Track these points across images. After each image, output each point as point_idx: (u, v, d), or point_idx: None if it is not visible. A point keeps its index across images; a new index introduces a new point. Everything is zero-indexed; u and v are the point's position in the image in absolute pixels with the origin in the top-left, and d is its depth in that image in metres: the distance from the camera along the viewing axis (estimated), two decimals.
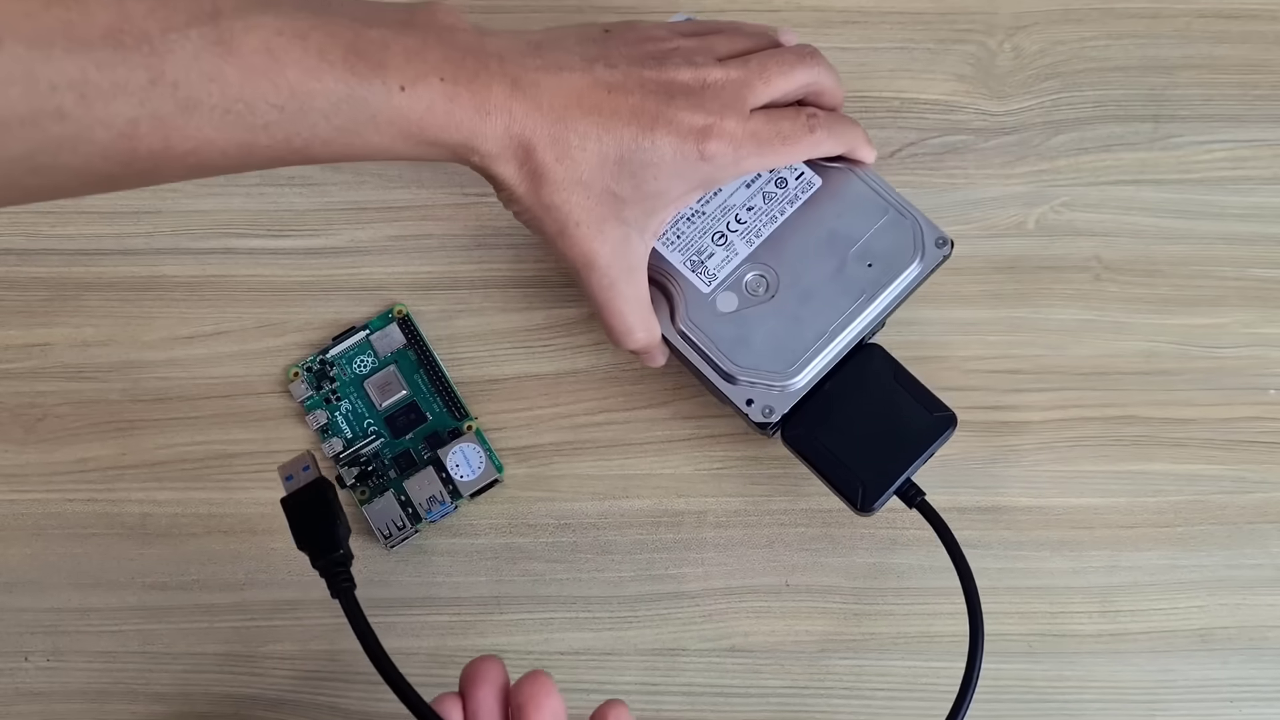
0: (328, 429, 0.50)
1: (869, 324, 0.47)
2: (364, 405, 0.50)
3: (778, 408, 0.46)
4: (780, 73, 0.45)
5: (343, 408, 0.50)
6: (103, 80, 0.31)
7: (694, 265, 0.48)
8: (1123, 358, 0.52)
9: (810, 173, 0.49)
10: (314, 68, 0.35)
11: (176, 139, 0.34)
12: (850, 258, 0.47)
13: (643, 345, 0.46)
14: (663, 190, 0.43)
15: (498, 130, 0.40)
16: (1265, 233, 0.54)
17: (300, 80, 0.35)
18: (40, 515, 0.50)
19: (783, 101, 0.46)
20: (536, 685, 0.36)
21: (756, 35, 0.47)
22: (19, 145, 0.31)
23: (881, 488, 0.46)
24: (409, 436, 0.50)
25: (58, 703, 0.48)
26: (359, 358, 0.51)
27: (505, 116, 0.40)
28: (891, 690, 0.48)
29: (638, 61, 0.43)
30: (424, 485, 0.49)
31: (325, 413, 0.50)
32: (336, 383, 0.51)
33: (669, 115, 0.42)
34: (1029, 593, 0.49)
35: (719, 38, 0.46)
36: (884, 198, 0.48)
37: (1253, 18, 0.57)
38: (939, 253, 0.47)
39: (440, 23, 0.40)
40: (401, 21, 0.39)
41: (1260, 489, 0.50)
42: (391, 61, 0.37)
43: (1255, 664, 0.48)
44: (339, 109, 0.36)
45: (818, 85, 0.47)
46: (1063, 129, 0.55)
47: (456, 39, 0.39)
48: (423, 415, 0.50)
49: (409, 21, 0.39)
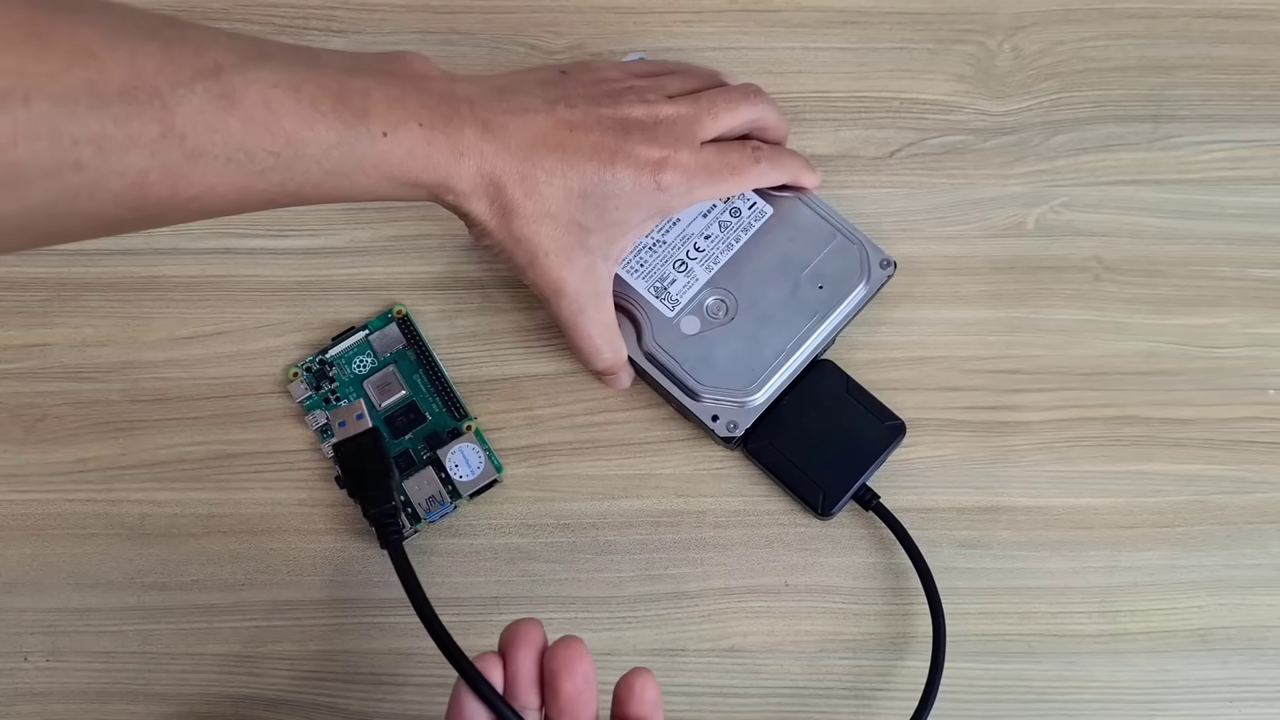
0: (327, 429, 0.50)
1: (822, 342, 0.50)
2: (364, 404, 0.50)
3: (741, 422, 0.49)
4: (727, 108, 0.48)
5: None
6: (119, 134, 0.33)
7: (658, 292, 0.50)
8: (1122, 358, 0.52)
9: (762, 202, 0.52)
10: (308, 118, 0.38)
11: (183, 186, 0.36)
12: (803, 280, 0.51)
13: (609, 365, 0.49)
14: (624, 219, 0.46)
15: (471, 170, 0.42)
16: (1265, 233, 0.54)
17: (295, 129, 0.37)
18: (40, 515, 0.50)
19: (730, 135, 0.49)
20: (570, 650, 0.37)
21: (704, 75, 0.50)
22: (41, 195, 0.33)
23: (840, 493, 0.49)
24: (408, 436, 0.50)
25: (57, 703, 0.48)
26: (358, 358, 0.51)
27: (477, 157, 0.42)
28: (891, 690, 0.48)
29: (595, 100, 0.45)
30: (423, 485, 0.49)
31: (325, 413, 0.50)
32: (336, 383, 0.51)
33: (627, 149, 0.45)
34: (1029, 593, 0.49)
35: (670, 78, 0.49)
36: (831, 223, 0.51)
37: (1252, 18, 0.57)
38: (883, 273, 0.51)
39: (416, 71, 0.42)
40: (381, 71, 0.41)
41: (1260, 489, 0.50)
42: (374, 109, 0.40)
43: (1255, 664, 0.48)
44: (329, 154, 0.39)
45: (762, 120, 0.50)
46: (1062, 129, 0.55)
47: (430, 86, 0.42)
48: (422, 415, 0.50)
49: (388, 70, 0.42)
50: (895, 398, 0.51)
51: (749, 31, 0.57)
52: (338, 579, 0.50)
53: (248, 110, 0.36)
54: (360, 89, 0.40)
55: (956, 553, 0.50)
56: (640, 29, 0.57)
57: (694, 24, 0.57)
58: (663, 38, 0.57)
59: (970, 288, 0.53)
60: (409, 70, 0.42)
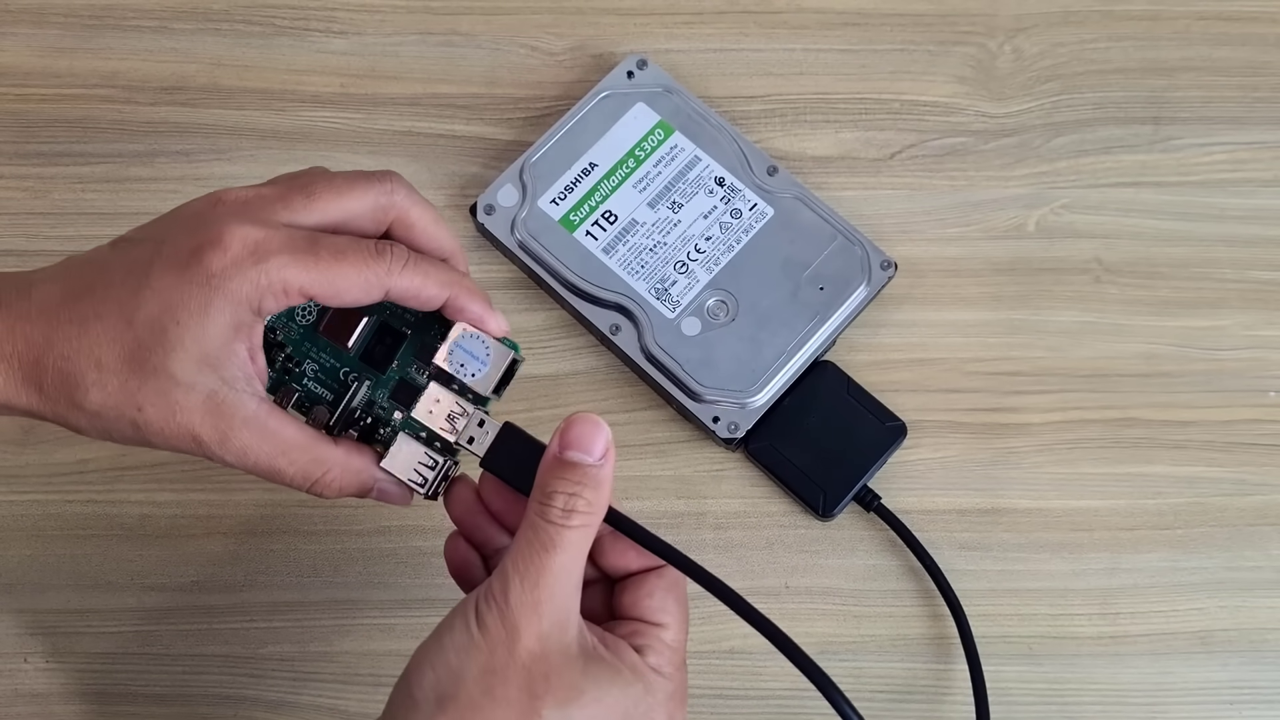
0: (303, 402, 0.40)
1: (823, 343, 0.50)
2: (330, 355, 0.40)
3: (742, 424, 0.49)
4: (330, 186, 0.37)
5: (308, 369, 0.40)
6: None
7: (658, 293, 0.50)
8: (1123, 360, 0.52)
9: (763, 204, 0.52)
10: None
11: None
12: (803, 282, 0.51)
13: (349, 488, 0.38)
14: (196, 333, 0.35)
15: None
16: (1265, 235, 0.54)
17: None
18: (40, 516, 0.50)
19: (347, 229, 0.38)
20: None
21: (350, 177, 0.38)
22: None
23: (841, 494, 0.49)
24: (395, 365, 0.40)
25: (57, 704, 0.48)
26: (299, 312, 0.41)
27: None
28: (891, 692, 0.48)
29: (154, 223, 0.37)
30: (437, 406, 0.38)
31: (294, 385, 0.40)
32: (288, 347, 0.40)
33: (164, 254, 0.35)
34: (1029, 595, 0.49)
35: (277, 180, 0.39)
36: (832, 225, 0.51)
37: (1252, 20, 0.57)
38: (884, 275, 0.51)
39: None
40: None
41: (1260, 491, 0.50)
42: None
43: (1255, 666, 0.48)
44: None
45: (396, 211, 0.38)
46: (1063, 131, 0.55)
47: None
48: (400, 333, 0.40)
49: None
50: (896, 399, 0.51)
51: (749, 33, 0.57)
52: (337, 580, 0.50)
53: None
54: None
55: (957, 554, 0.49)
56: (641, 30, 0.57)
57: (695, 25, 0.57)
58: (663, 39, 0.57)
59: (971, 289, 0.53)
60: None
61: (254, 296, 0.35)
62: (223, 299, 0.35)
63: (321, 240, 0.36)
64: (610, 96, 0.54)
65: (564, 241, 0.52)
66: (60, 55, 0.56)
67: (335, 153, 0.55)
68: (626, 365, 0.52)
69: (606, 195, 0.52)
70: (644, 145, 0.53)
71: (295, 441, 0.37)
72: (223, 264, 0.34)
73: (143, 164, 0.55)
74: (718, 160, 0.53)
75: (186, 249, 0.35)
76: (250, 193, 0.37)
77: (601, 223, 0.52)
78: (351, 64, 0.56)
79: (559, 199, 0.52)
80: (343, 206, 0.37)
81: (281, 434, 0.36)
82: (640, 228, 0.52)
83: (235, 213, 0.36)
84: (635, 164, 0.53)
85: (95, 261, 0.36)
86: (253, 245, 0.35)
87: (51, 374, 0.35)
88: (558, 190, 0.52)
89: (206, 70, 0.56)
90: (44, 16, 0.57)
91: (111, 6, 0.57)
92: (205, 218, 0.36)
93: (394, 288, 0.36)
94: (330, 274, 0.35)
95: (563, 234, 0.52)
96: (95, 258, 0.37)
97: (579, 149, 0.53)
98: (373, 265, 0.36)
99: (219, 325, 0.35)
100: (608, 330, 0.51)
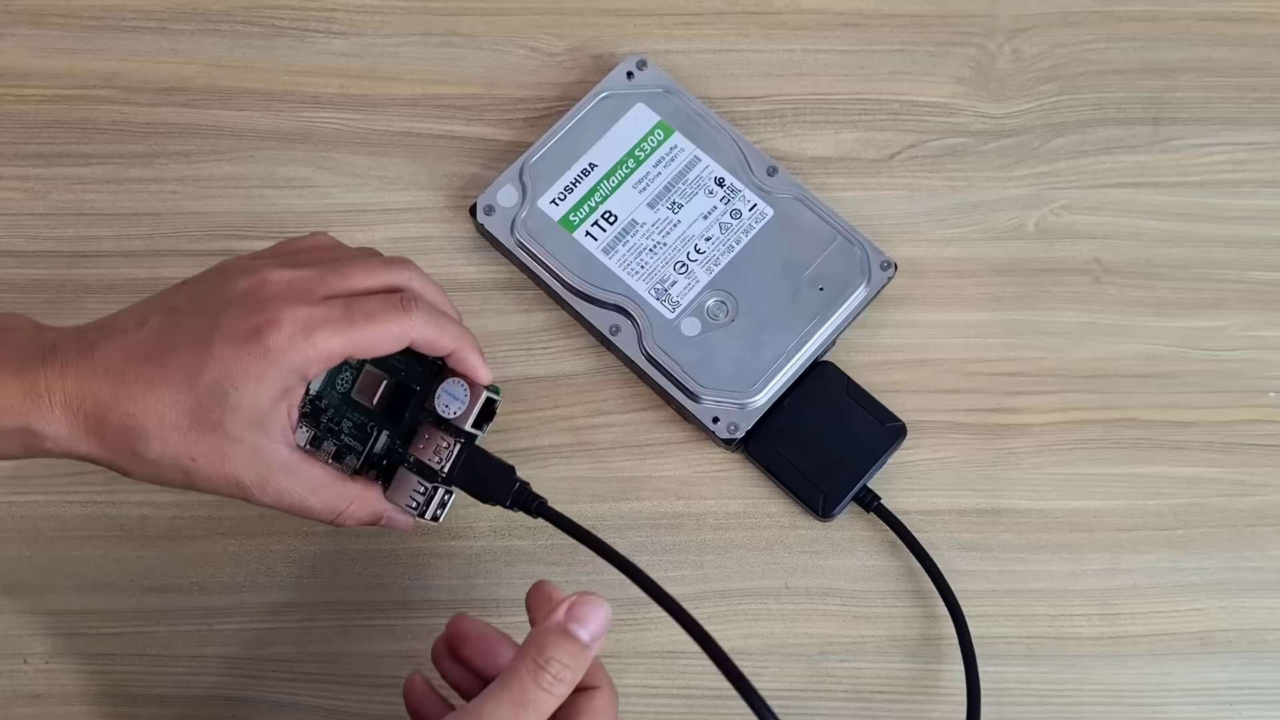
0: (341, 452, 0.46)
1: (822, 343, 0.50)
2: (361, 414, 0.46)
3: (741, 424, 0.49)
4: (361, 269, 0.43)
5: (345, 426, 0.46)
6: None
7: (658, 293, 0.50)
8: (1122, 360, 0.52)
9: (763, 204, 0.52)
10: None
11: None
12: (803, 282, 0.51)
13: (364, 518, 0.44)
14: (252, 398, 0.41)
15: (56, 410, 0.40)
16: (1265, 235, 0.54)
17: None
18: (39, 517, 0.50)
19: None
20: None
21: (348, 247, 0.46)
22: None
23: (840, 495, 0.49)
24: (407, 415, 0.46)
25: (56, 705, 0.48)
26: (339, 376, 0.47)
27: (60, 395, 0.40)
28: (891, 693, 0.48)
29: (198, 296, 0.42)
30: (426, 441, 0.45)
31: (333, 442, 0.46)
32: (329, 410, 0.47)
33: (222, 328, 0.40)
34: (1029, 595, 0.49)
35: (304, 250, 0.45)
36: (831, 225, 0.51)
37: (1252, 20, 0.57)
38: (884, 275, 0.51)
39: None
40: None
41: (1260, 492, 0.50)
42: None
43: (1254, 667, 0.48)
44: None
45: (411, 291, 0.44)
46: (1062, 132, 0.55)
47: (10, 338, 0.41)
48: (410, 388, 0.46)
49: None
50: (895, 400, 0.51)
51: (749, 34, 0.57)
52: (338, 581, 0.50)
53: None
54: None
55: (956, 555, 0.49)
56: (640, 31, 0.57)
57: (694, 26, 0.57)
58: (663, 40, 0.57)
59: (970, 290, 0.53)
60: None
61: (303, 366, 0.41)
62: (277, 370, 0.40)
63: (355, 306, 0.42)
64: (610, 97, 0.54)
65: (564, 242, 0.52)
66: (60, 56, 0.56)
67: (335, 153, 0.55)
68: (626, 366, 0.52)
69: (606, 196, 0.52)
70: (644, 146, 0.53)
71: (322, 481, 0.43)
72: (279, 341, 0.40)
73: (143, 165, 0.55)
74: (717, 161, 0.53)
75: (246, 327, 0.40)
76: (292, 275, 0.42)
77: (601, 223, 0.52)
78: (351, 65, 0.56)
79: (559, 199, 0.52)
80: (371, 287, 0.43)
81: (311, 476, 0.43)
82: (640, 228, 0.52)
83: (284, 295, 0.41)
84: (635, 164, 0.53)
85: (151, 328, 0.41)
86: (303, 323, 0.40)
87: (115, 427, 0.40)
88: (557, 191, 0.52)
89: (206, 71, 0.56)
90: (43, 17, 0.57)
91: (111, 7, 0.57)
92: (258, 299, 0.41)
93: (417, 338, 0.43)
94: (365, 335, 0.41)
95: (562, 234, 0.52)
96: (147, 322, 0.41)
97: (579, 149, 0.53)
98: (400, 320, 0.42)
99: (270, 391, 0.41)
100: (607, 331, 0.51)
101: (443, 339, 0.43)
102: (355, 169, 0.55)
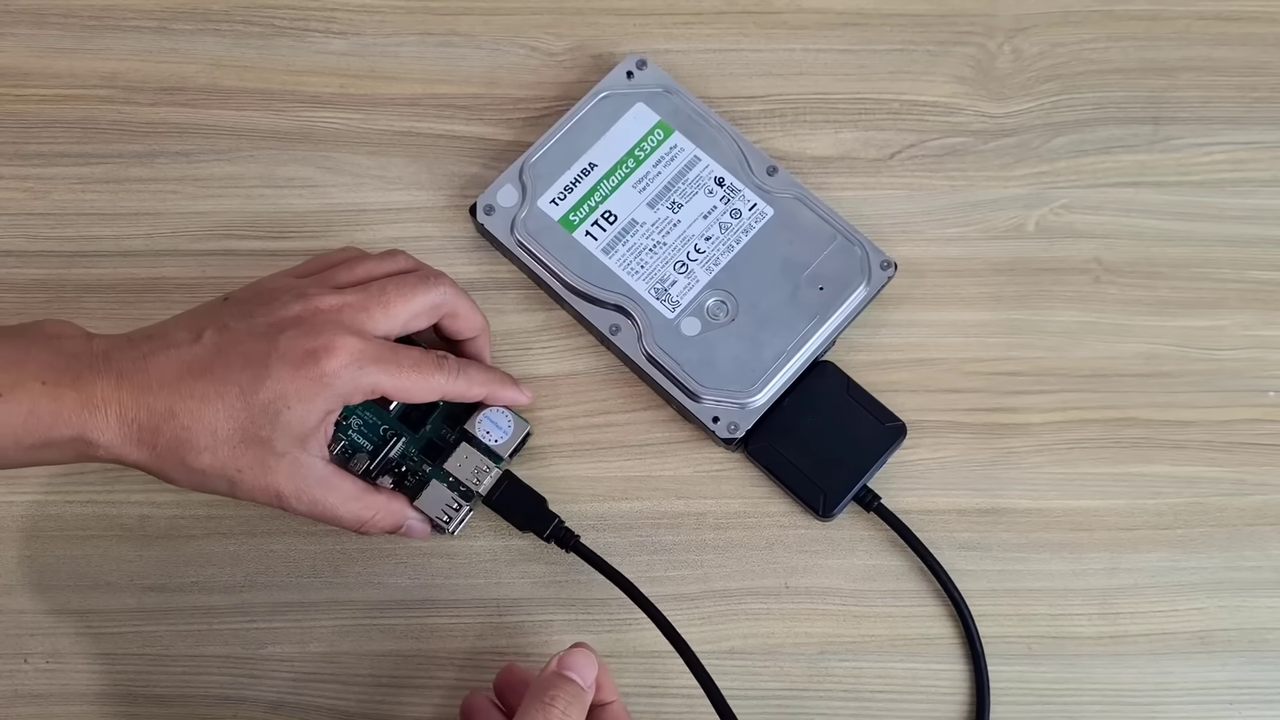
0: (348, 449, 0.49)
1: (822, 343, 0.50)
2: (373, 413, 0.49)
3: (741, 424, 0.49)
4: (400, 295, 0.46)
5: (354, 424, 0.49)
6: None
7: (658, 293, 0.51)
8: (1122, 360, 0.52)
9: (763, 204, 0.52)
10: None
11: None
12: (803, 282, 0.51)
13: (387, 526, 0.47)
14: (302, 416, 0.43)
15: (110, 421, 0.41)
16: (1265, 235, 0.54)
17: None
18: (39, 517, 0.50)
19: (412, 327, 0.47)
20: None
21: (381, 259, 0.48)
22: None
23: (841, 495, 0.49)
24: (428, 427, 0.49)
25: (56, 705, 0.48)
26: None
27: (115, 406, 0.41)
28: (891, 692, 0.48)
29: (248, 315, 0.44)
30: (465, 460, 0.48)
31: (340, 437, 0.49)
32: (360, 419, 0.49)
33: (279, 349, 0.43)
34: (1029, 595, 0.49)
35: (339, 268, 0.47)
36: (831, 225, 0.51)
37: (1252, 20, 0.57)
38: (884, 275, 0.51)
39: (47, 332, 0.43)
40: (8, 336, 0.42)
41: (1259, 491, 0.50)
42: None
43: (1254, 666, 0.48)
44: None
45: (447, 306, 0.47)
46: (1062, 131, 0.55)
47: (62, 346, 0.42)
48: (433, 402, 0.49)
49: (18, 334, 0.42)
50: (895, 399, 0.51)
51: (749, 33, 0.57)
52: (337, 581, 0.50)
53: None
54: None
55: (957, 554, 0.50)
56: (640, 31, 0.57)
57: (694, 26, 0.57)
58: (663, 40, 0.57)
59: (970, 289, 0.53)
60: (40, 332, 0.43)
61: (350, 393, 0.44)
62: (328, 393, 0.43)
63: (401, 353, 0.45)
64: (610, 97, 0.54)
65: (564, 242, 0.52)
66: (60, 55, 0.56)
67: (335, 153, 0.55)
68: (626, 365, 0.52)
69: (606, 195, 0.52)
70: (644, 145, 0.53)
71: (351, 492, 0.45)
72: (334, 367, 0.43)
73: (143, 164, 0.55)
74: (717, 160, 0.53)
75: (302, 350, 0.43)
76: (340, 301, 0.45)
77: (601, 223, 0.52)
78: (351, 64, 0.56)
79: (559, 199, 0.52)
80: (411, 309, 0.46)
81: (342, 487, 0.45)
82: (640, 228, 0.52)
83: (336, 321, 0.44)
84: (635, 164, 0.53)
85: (206, 344, 0.43)
86: (356, 354, 0.44)
87: (167, 438, 0.42)
88: (557, 190, 0.52)
89: (206, 71, 0.56)
90: (44, 17, 0.57)
91: (111, 7, 0.57)
92: (313, 324, 0.44)
93: (448, 391, 0.47)
94: (406, 381, 0.45)
95: (562, 234, 0.52)
96: (201, 337, 0.43)
97: (579, 149, 0.53)
98: (436, 376, 0.46)
99: (318, 411, 0.43)
100: (607, 330, 0.51)
101: (472, 389, 0.48)
102: (355, 169, 0.55)
